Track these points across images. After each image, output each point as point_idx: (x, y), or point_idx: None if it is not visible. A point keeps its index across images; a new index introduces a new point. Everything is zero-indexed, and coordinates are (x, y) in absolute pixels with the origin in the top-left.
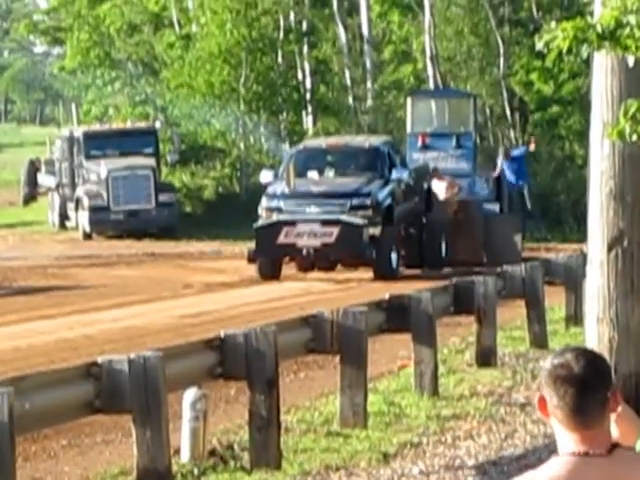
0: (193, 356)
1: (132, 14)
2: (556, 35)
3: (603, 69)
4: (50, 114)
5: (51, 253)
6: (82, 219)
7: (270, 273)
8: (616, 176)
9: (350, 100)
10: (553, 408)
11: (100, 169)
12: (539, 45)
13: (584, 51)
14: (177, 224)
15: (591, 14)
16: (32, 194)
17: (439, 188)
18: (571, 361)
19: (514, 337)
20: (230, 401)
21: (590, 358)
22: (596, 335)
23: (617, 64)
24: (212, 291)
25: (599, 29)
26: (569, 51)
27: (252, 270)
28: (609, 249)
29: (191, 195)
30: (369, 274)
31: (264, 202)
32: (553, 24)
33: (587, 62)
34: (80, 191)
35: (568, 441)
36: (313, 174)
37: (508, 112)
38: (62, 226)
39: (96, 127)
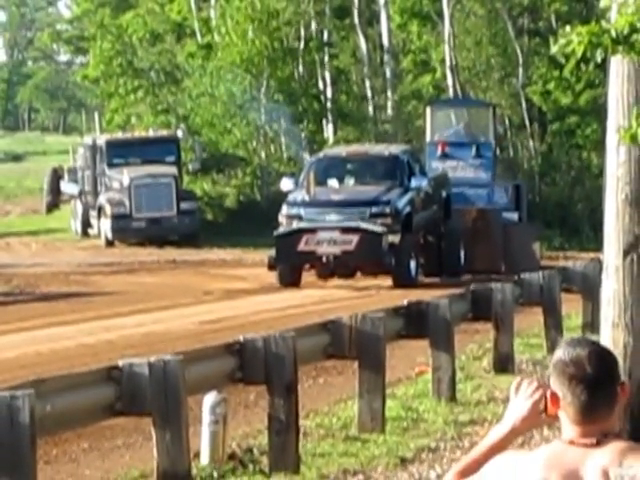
0: (213, 360)
1: (154, 23)
2: (571, 40)
3: (620, 76)
4: (73, 123)
5: (73, 260)
6: (104, 226)
7: (290, 280)
8: (632, 182)
9: (370, 109)
10: (566, 405)
11: (122, 177)
12: (554, 49)
13: (598, 55)
14: (198, 232)
15: (608, 21)
16: (55, 202)
17: None
18: (584, 360)
19: (531, 344)
20: (249, 405)
21: (601, 356)
22: (611, 340)
23: (634, 71)
24: (232, 298)
25: (613, 34)
26: (583, 58)
27: (272, 277)
28: (624, 255)
29: (212, 203)
30: (388, 282)
31: (284, 210)
32: (568, 28)
33: (604, 71)
34: (102, 199)
35: (571, 431)
36: (333, 182)
37: (527, 122)
38: (84, 233)
39: (118, 135)
